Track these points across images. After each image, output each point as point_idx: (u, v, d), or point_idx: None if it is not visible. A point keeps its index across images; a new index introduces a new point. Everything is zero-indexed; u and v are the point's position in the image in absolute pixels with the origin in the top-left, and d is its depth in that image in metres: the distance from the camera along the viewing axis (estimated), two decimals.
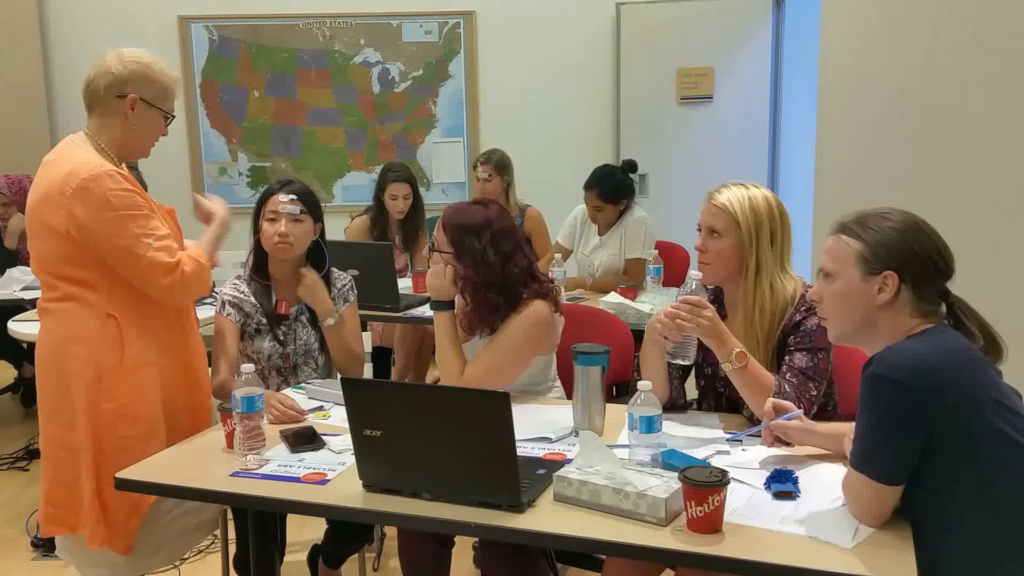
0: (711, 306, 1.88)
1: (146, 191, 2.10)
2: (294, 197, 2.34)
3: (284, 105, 5.54)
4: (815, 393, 1.87)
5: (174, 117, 2.13)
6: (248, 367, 1.87)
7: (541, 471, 1.64)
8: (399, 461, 1.61)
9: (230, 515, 2.44)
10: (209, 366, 2.30)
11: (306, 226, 2.37)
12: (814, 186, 4.08)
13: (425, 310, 3.37)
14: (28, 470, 3.78)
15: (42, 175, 2.00)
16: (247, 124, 5.57)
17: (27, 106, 5.30)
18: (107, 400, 1.97)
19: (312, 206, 2.38)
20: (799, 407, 1.76)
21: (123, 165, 2.07)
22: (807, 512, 1.48)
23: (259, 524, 2.06)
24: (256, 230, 2.40)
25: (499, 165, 4.12)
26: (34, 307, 3.10)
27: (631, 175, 3.83)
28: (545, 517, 1.52)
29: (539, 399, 2.21)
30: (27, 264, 3.84)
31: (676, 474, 1.49)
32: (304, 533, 2.90)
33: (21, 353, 4.47)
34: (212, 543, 2.92)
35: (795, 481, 1.57)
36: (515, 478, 1.51)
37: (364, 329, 3.44)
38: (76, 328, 1.97)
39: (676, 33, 5.31)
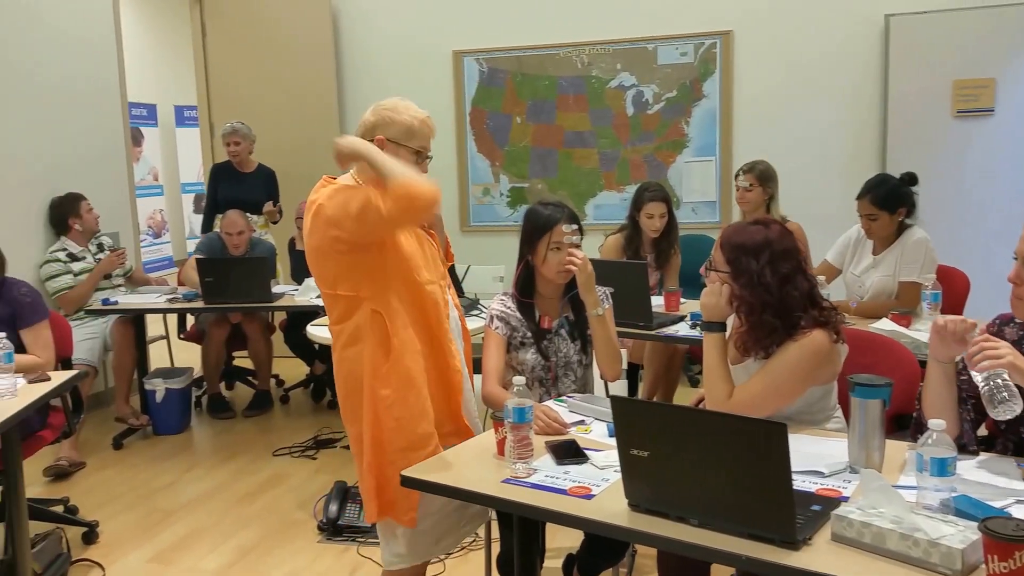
0: (1003, 342, 1.70)
1: None
2: (576, 227, 2.46)
3: (543, 129, 5.80)
4: None
5: (430, 157, 2.26)
6: (520, 379, 1.97)
7: (816, 507, 1.58)
8: (666, 483, 1.61)
9: (492, 515, 2.58)
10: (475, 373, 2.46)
11: (581, 250, 2.49)
12: None
13: (678, 329, 3.38)
14: (316, 458, 4.20)
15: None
16: (509, 148, 5.89)
17: (324, 133, 5.96)
18: (383, 387, 2.16)
19: (581, 229, 2.50)
20: None
21: None
22: None
23: (524, 529, 2.15)
24: (525, 251, 2.53)
25: (762, 176, 4.01)
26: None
27: (911, 188, 3.55)
28: (822, 557, 1.45)
29: (814, 428, 2.11)
30: None
31: (972, 523, 1.37)
32: (557, 540, 2.96)
33: (314, 353, 5.01)
34: (474, 541, 3.09)
35: None
36: (790, 512, 1.47)
37: None
38: (355, 333, 2.18)
39: (952, 44, 4.93)
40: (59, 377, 2.93)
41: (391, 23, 5.97)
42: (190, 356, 5.44)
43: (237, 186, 5.30)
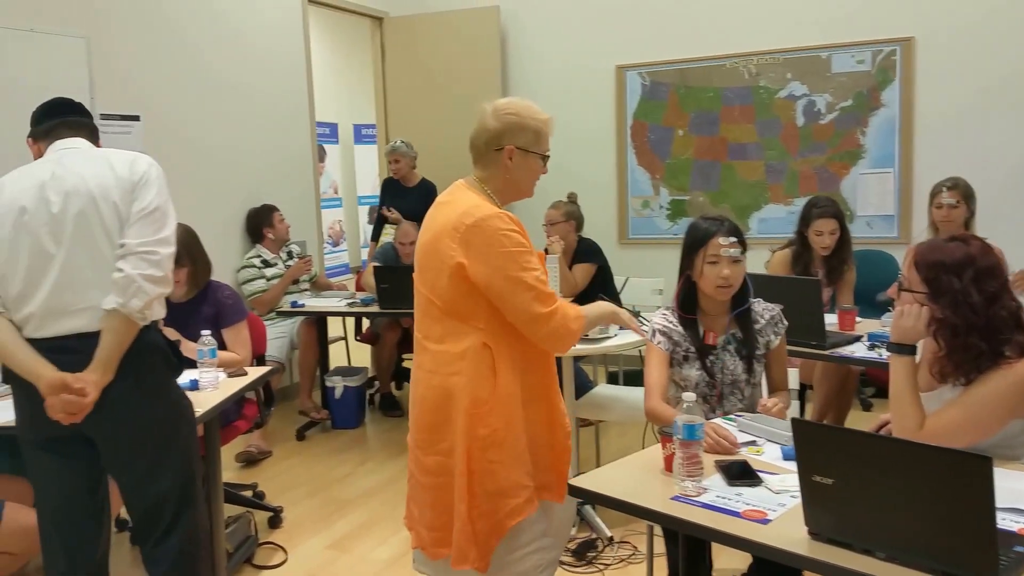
0: None
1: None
2: (734, 240, 2.41)
3: (706, 142, 5.72)
4: None
5: (549, 157, 2.18)
6: (690, 395, 1.93)
7: (1019, 548, 1.49)
8: (851, 513, 1.56)
9: (657, 531, 2.57)
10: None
11: (743, 265, 2.44)
12: None
13: (854, 350, 3.24)
14: None
15: (438, 213, 2.12)
16: (670, 161, 5.85)
17: None
18: (481, 426, 2.05)
19: (744, 244, 2.45)
20: None
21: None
22: None
23: (691, 548, 2.13)
24: (686, 266, 2.50)
25: (966, 192, 3.83)
26: None
27: None
28: None
29: (1011, 463, 1.97)
30: None
31: None
32: (722, 560, 2.89)
33: None
34: (633, 554, 3.09)
35: None
36: (993, 552, 1.39)
37: None
38: (459, 359, 2.07)
39: None
40: (254, 372, 3.18)
41: (556, 41, 6.09)
42: (365, 356, 5.74)
43: (401, 199, 5.56)
